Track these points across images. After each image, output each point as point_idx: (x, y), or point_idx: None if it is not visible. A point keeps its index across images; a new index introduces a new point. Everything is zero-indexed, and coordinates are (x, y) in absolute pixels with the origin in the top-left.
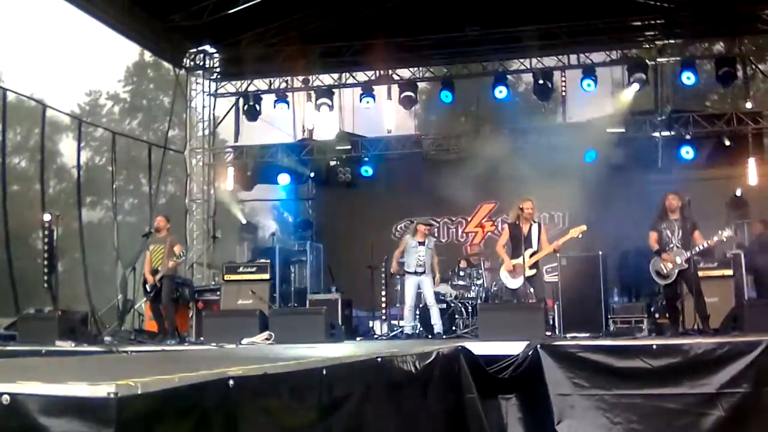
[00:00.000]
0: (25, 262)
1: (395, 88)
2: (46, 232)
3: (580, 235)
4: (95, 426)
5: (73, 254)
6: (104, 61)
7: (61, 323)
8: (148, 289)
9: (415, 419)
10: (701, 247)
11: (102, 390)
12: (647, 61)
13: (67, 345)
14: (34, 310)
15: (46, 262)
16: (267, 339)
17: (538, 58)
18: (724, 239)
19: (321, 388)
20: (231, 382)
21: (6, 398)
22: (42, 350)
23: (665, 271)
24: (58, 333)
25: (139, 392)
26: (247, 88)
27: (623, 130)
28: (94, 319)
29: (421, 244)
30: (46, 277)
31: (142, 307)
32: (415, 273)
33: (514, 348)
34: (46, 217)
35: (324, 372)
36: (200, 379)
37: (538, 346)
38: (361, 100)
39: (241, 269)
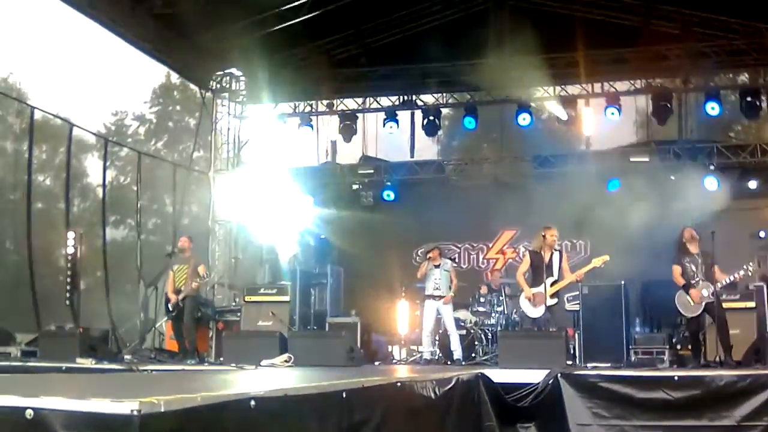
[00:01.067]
0: (48, 279)
1: (418, 113)
2: (70, 250)
3: (603, 265)
4: None
5: (95, 272)
6: (131, 82)
7: (82, 340)
8: (171, 309)
9: None
10: (728, 281)
11: (125, 407)
12: (671, 90)
13: (87, 362)
14: (55, 327)
15: (69, 280)
16: (286, 361)
17: (562, 86)
18: (750, 273)
19: (341, 411)
20: (252, 402)
21: (30, 413)
22: (63, 367)
23: (692, 304)
24: (79, 350)
25: (162, 410)
26: (272, 111)
27: (647, 159)
28: (114, 337)
29: (437, 267)
30: (68, 295)
31: (163, 327)
32: (433, 297)
33: (534, 376)
34: (70, 235)
35: (344, 395)
36: (222, 399)
37: (559, 375)
38: (384, 125)
39: (261, 291)
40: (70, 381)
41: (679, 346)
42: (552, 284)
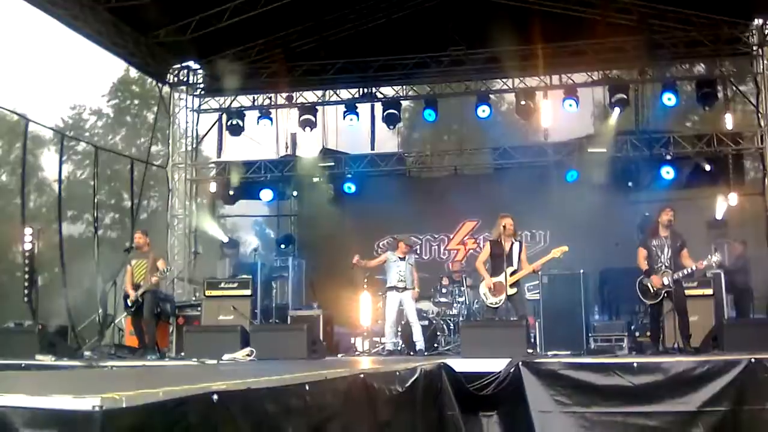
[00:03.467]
0: (5, 275)
1: (378, 106)
2: (27, 246)
3: (562, 256)
4: None
5: (53, 268)
6: (89, 76)
7: (41, 337)
8: (129, 304)
9: None
10: (689, 270)
11: (87, 403)
12: (628, 82)
13: (47, 359)
14: (13, 324)
15: (26, 276)
16: (248, 355)
17: (521, 78)
18: (714, 264)
19: (304, 404)
20: (215, 396)
21: None
22: (22, 364)
23: (652, 291)
24: (38, 347)
25: (124, 406)
26: (230, 104)
27: (604, 150)
28: (74, 334)
29: (402, 259)
30: (26, 291)
31: (122, 322)
32: (396, 289)
33: (495, 365)
34: (27, 230)
35: (307, 388)
36: (184, 394)
37: (520, 363)
38: (344, 118)
39: (222, 285)
40: (30, 378)
41: (637, 334)
42: (511, 274)
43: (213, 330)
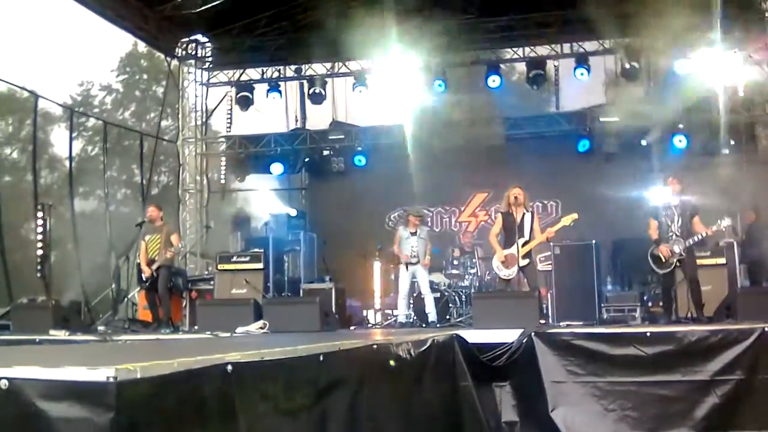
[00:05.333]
0: (18, 252)
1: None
2: (39, 222)
3: (572, 223)
4: (94, 410)
5: (65, 244)
6: (97, 52)
7: (54, 312)
8: (144, 279)
9: (410, 406)
10: (701, 236)
11: (101, 374)
12: (640, 50)
13: (61, 334)
14: (27, 300)
15: (39, 252)
16: (261, 328)
17: (531, 47)
18: (724, 228)
19: (318, 375)
20: (229, 367)
21: (4, 383)
22: (36, 339)
23: (663, 260)
24: (52, 322)
25: (139, 376)
26: (239, 77)
27: (616, 119)
28: (87, 309)
29: (414, 234)
30: (39, 267)
31: (136, 297)
32: (410, 263)
33: (508, 336)
34: (39, 207)
35: (321, 358)
36: (199, 365)
37: (533, 333)
38: (353, 89)
39: (234, 259)
40: (44, 352)
41: (650, 304)
42: (523, 245)
43: (226, 303)
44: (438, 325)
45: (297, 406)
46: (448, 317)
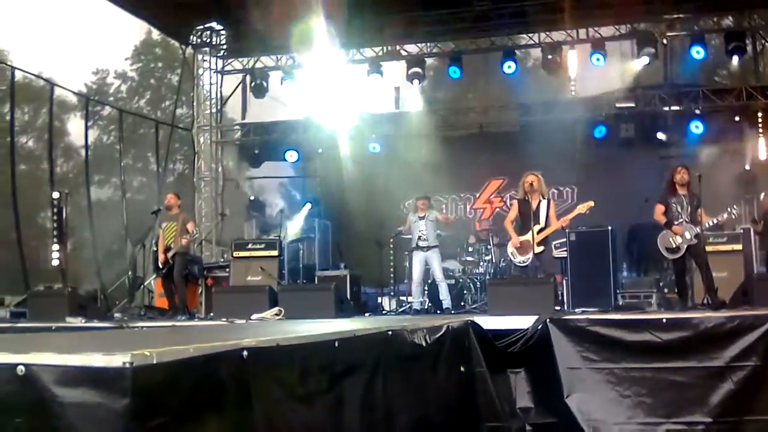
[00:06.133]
0: (35, 240)
1: (403, 64)
2: (56, 211)
3: (588, 211)
4: (110, 396)
5: (82, 232)
6: (112, 40)
7: (71, 300)
8: (160, 266)
9: (425, 392)
10: (713, 223)
11: (117, 360)
12: (656, 35)
13: (77, 321)
14: (44, 288)
15: (55, 240)
16: (277, 315)
17: (547, 33)
18: (734, 216)
19: (333, 360)
20: (245, 353)
21: (21, 369)
22: (52, 326)
23: (674, 246)
24: (68, 310)
25: (155, 362)
26: (254, 65)
27: (633, 104)
28: (103, 296)
29: (422, 218)
30: (56, 255)
31: (152, 284)
32: (419, 248)
33: (523, 322)
34: (55, 195)
35: (336, 344)
36: (214, 350)
37: (548, 320)
38: (368, 76)
39: (249, 246)
40: (60, 338)
41: (666, 290)
42: (539, 231)
43: (241, 290)
44: (453, 312)
45: (312, 391)
46: (462, 304)
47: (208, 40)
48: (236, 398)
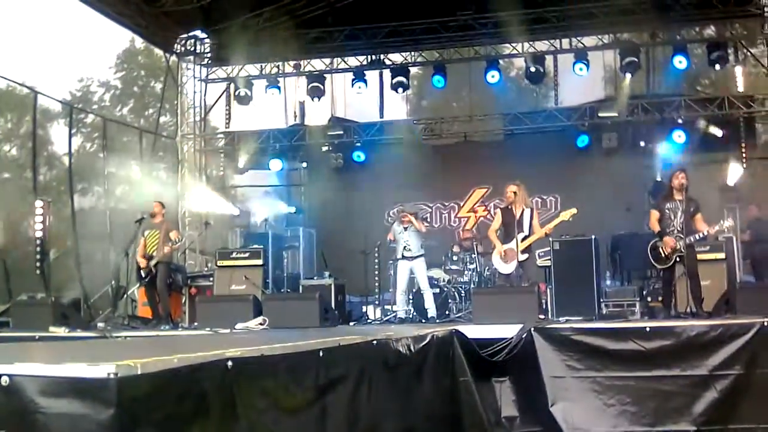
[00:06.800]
0: (18, 249)
1: (387, 73)
2: (39, 219)
3: (571, 218)
4: (95, 406)
5: (65, 241)
6: (95, 48)
7: (54, 309)
8: (143, 275)
9: (410, 401)
10: (702, 235)
11: (102, 370)
12: (639, 45)
13: (60, 331)
14: (27, 297)
15: (38, 249)
16: (261, 324)
17: (530, 43)
18: (725, 229)
19: (318, 370)
20: (229, 363)
21: (5, 379)
22: (36, 336)
23: (663, 255)
24: (51, 319)
25: (139, 373)
26: (238, 73)
27: (615, 114)
28: (87, 306)
29: (406, 229)
30: (38, 264)
31: (135, 293)
32: (404, 257)
33: (507, 331)
34: (38, 204)
35: (321, 354)
36: (199, 361)
37: (532, 329)
38: (353, 86)
39: (234, 255)
40: (44, 348)
41: (649, 299)
42: (523, 239)
43: (225, 300)
44: (437, 321)
45: (297, 401)
46: (447, 313)
47: (192, 49)
48: (221, 409)
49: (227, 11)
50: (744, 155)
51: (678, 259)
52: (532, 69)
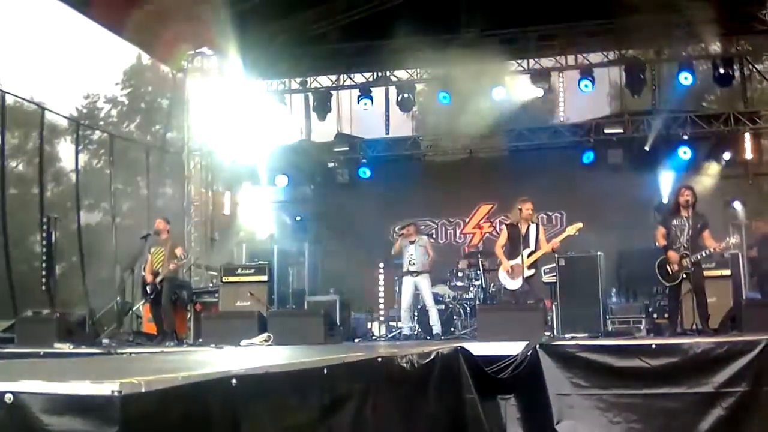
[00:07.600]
0: (23, 265)
1: (393, 90)
2: (45, 235)
3: (577, 233)
4: (99, 424)
5: (70, 257)
6: (102, 64)
7: (59, 325)
8: (149, 291)
9: (415, 419)
10: (708, 252)
11: (106, 388)
12: (645, 62)
13: (65, 347)
14: (32, 313)
15: (44, 265)
16: (266, 340)
17: (536, 60)
18: (732, 246)
19: (322, 387)
20: (234, 380)
21: (9, 397)
22: (41, 352)
23: (670, 273)
24: (56, 335)
25: (143, 390)
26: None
27: (621, 130)
28: (92, 322)
29: (411, 243)
30: (44, 280)
31: (140, 310)
32: (409, 273)
33: (513, 348)
34: (45, 219)
35: (325, 371)
36: (203, 378)
37: (537, 346)
38: (358, 102)
39: (239, 271)
40: (48, 365)
41: (655, 315)
42: (529, 255)
43: (231, 316)
44: (442, 338)
45: (301, 419)
46: (452, 329)
47: (199, 65)
48: (225, 426)
49: (234, 28)
50: (750, 171)
51: (685, 276)
52: (538, 85)
